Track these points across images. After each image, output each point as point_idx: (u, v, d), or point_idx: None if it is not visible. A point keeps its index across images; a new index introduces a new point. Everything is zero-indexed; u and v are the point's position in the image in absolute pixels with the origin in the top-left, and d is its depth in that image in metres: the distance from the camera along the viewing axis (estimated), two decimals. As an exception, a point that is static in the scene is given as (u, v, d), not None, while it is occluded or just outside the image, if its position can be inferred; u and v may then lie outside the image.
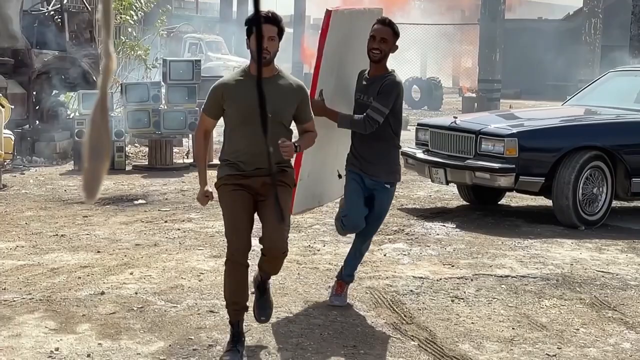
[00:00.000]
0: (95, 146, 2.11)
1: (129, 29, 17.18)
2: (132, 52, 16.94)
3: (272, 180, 4.96)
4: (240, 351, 5.01)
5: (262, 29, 4.79)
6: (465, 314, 5.95)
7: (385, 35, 5.64)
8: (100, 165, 2.12)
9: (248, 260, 5.04)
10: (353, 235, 6.11)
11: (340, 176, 6.10)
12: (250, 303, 5.30)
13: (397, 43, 5.74)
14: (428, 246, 7.91)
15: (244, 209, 5.05)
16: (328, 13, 5.67)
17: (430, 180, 9.79)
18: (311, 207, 6.50)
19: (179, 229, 8.37)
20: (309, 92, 5.39)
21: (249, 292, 5.16)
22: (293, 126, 5.18)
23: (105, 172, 2.15)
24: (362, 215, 5.81)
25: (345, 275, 6.05)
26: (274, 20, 4.98)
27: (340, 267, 6.20)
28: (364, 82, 5.80)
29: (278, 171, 5.12)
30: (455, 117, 9.83)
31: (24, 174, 12.01)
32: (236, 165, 5.07)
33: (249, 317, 5.29)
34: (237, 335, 5.06)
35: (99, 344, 5.18)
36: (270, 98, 4.84)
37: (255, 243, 5.13)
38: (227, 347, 5.06)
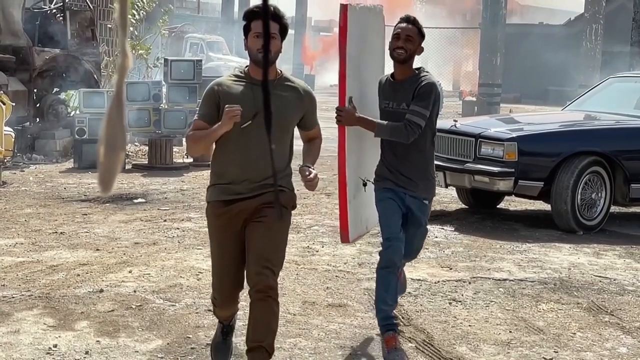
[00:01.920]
0: (110, 140, 2.15)
1: (131, 28, 17.20)
2: (134, 51, 16.97)
3: (274, 183, 4.31)
4: (230, 345, 4.88)
5: (269, 21, 4.14)
6: (463, 316, 5.97)
7: (410, 34, 5.12)
8: (115, 159, 2.16)
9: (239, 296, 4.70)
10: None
11: (365, 184, 5.42)
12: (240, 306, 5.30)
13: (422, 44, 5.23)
14: (426, 249, 7.92)
15: (231, 254, 4.48)
16: (344, 8, 5.07)
17: (429, 183, 9.78)
18: (362, 233, 5.76)
19: (178, 228, 8.39)
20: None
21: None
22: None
23: (120, 166, 2.19)
24: (403, 239, 5.20)
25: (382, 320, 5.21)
26: (275, 16, 4.37)
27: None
28: (390, 88, 5.23)
29: (270, 191, 4.40)
30: (455, 121, 9.85)
31: (23, 171, 12.03)
32: (227, 188, 4.44)
33: (243, 316, 5.30)
34: (227, 327, 4.88)
35: (97, 341, 5.19)
36: (273, 104, 4.43)
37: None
38: (215, 337, 4.89)
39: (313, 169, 4.45)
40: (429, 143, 5.20)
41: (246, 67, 4.56)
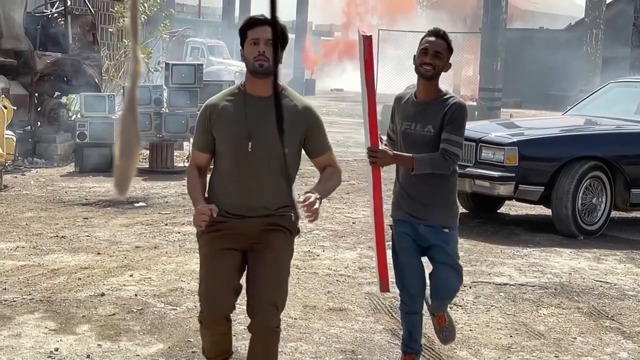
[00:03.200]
0: (125, 145, 2.18)
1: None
2: (135, 55, 16.99)
3: (285, 173, 3.98)
4: None
5: (277, 18, 3.86)
6: (464, 321, 5.97)
7: (439, 49, 4.71)
8: (130, 162, 2.20)
9: (230, 315, 4.17)
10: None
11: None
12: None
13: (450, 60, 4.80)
14: (427, 253, 7.93)
15: (228, 264, 4.10)
16: (368, 40, 4.42)
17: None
18: None
19: (179, 232, 8.40)
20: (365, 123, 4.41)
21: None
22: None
23: (135, 168, 2.23)
24: (423, 281, 4.85)
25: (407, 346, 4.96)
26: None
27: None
28: (413, 108, 4.79)
29: (276, 215, 4.15)
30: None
31: (25, 175, 12.04)
32: (223, 210, 4.10)
33: (243, 322, 5.30)
34: None
35: (98, 345, 5.20)
36: (268, 123, 3.98)
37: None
38: None
39: (315, 195, 3.98)
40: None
41: (242, 82, 4.21)
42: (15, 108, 12.01)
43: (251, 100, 4.08)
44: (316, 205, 3.96)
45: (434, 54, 4.71)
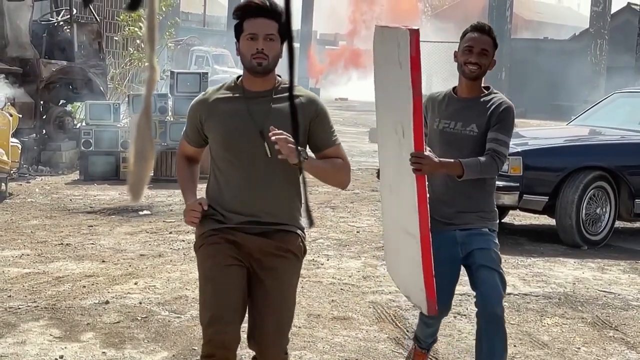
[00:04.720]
0: (140, 150, 2.20)
1: (137, 41, 17.30)
2: (140, 63, 17.07)
3: (298, 156, 3.53)
4: None
5: (290, 5, 3.62)
6: (467, 330, 5.97)
7: (486, 47, 4.39)
8: (144, 168, 2.22)
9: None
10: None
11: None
12: None
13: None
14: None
15: (234, 286, 3.67)
16: (415, 35, 3.92)
17: (434, 197, 9.80)
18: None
19: (183, 240, 8.41)
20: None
21: None
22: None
23: (149, 174, 2.25)
24: (450, 298, 4.65)
25: None
26: (272, 12, 3.65)
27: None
28: (452, 105, 4.49)
29: (276, 230, 3.76)
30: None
31: (29, 182, 12.07)
32: (222, 217, 3.79)
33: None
34: None
35: (103, 352, 5.22)
36: (268, 121, 3.66)
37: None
38: None
39: (301, 150, 3.56)
40: None
41: (238, 77, 3.85)
42: (20, 116, 12.06)
43: (250, 95, 3.76)
44: (288, 142, 3.53)
45: (480, 52, 4.39)
